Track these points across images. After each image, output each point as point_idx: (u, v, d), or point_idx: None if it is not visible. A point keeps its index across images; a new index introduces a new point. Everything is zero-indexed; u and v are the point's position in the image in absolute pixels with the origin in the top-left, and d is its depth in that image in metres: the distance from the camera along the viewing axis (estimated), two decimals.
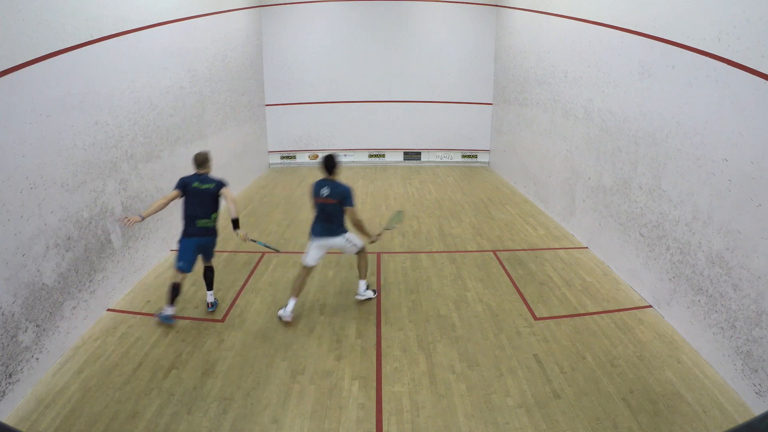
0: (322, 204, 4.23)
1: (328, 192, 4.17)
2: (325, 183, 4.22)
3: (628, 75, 5.06)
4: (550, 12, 7.34)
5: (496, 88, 10.74)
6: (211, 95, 7.42)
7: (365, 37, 10.72)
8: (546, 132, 7.64)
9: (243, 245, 6.17)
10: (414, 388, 3.43)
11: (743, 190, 3.41)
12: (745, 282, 3.35)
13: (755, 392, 3.20)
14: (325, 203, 4.20)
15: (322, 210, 4.26)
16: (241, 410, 3.21)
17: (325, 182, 4.22)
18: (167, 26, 5.85)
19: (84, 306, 4.12)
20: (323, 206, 4.23)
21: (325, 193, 4.18)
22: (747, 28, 3.38)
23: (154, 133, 5.53)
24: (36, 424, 3.07)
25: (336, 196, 4.15)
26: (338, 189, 4.17)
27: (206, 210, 4.20)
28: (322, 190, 4.20)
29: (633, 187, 4.97)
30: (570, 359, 3.75)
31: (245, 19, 9.29)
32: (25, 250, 3.42)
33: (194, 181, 4.19)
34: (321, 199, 4.21)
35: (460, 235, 6.58)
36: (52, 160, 3.75)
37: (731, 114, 3.53)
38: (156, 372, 3.59)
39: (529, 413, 3.17)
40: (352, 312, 4.49)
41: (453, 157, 11.54)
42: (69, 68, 3.98)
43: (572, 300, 4.70)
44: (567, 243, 6.28)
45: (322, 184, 4.22)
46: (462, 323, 4.29)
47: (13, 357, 3.25)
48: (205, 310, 4.51)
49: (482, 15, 10.56)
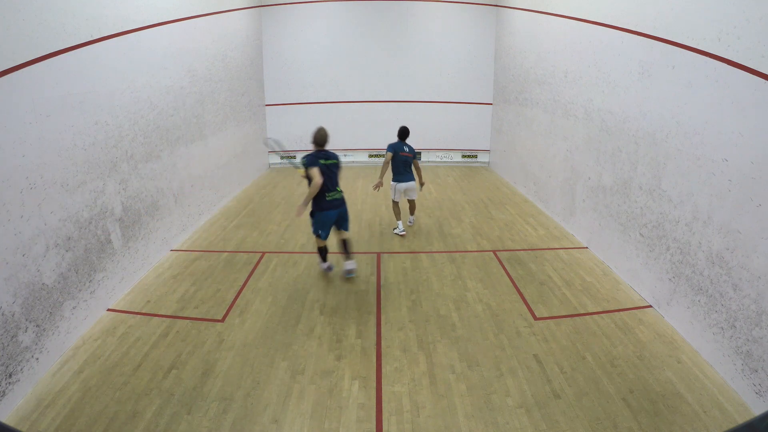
0: (405, 157, 6.33)
1: (408, 149, 6.36)
2: (403, 144, 6.37)
3: (628, 75, 5.06)
4: (550, 12, 7.34)
5: (496, 88, 10.74)
6: (211, 95, 7.42)
7: (365, 37, 10.72)
8: (546, 132, 7.64)
9: (243, 245, 6.19)
10: (414, 388, 3.43)
11: (743, 190, 3.41)
12: (745, 282, 3.35)
13: (755, 392, 3.20)
14: (408, 157, 6.34)
15: (405, 162, 6.36)
16: (241, 410, 3.21)
17: (402, 144, 6.36)
18: (167, 26, 5.85)
19: (84, 306, 4.12)
20: (407, 159, 6.35)
21: (407, 149, 6.34)
22: (747, 28, 3.38)
23: (154, 133, 5.53)
24: (36, 424, 3.07)
25: (412, 152, 6.40)
26: (412, 148, 6.42)
27: (334, 183, 4.93)
28: (405, 147, 6.35)
29: (633, 187, 4.97)
30: (570, 359, 3.75)
31: (245, 19, 9.29)
32: (25, 250, 3.42)
33: (321, 158, 4.81)
34: (405, 153, 6.33)
35: (460, 235, 6.58)
36: (52, 160, 3.75)
37: (731, 114, 3.53)
38: (156, 372, 3.59)
39: (529, 413, 3.17)
40: (352, 312, 4.49)
41: (453, 157, 11.54)
42: (69, 68, 3.98)
43: (572, 300, 4.70)
44: (567, 243, 6.28)
45: (402, 145, 6.36)
46: (462, 323, 4.29)
47: (13, 357, 3.26)
48: (206, 310, 4.51)
49: (482, 15, 10.56)
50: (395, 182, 6.43)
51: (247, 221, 7.16)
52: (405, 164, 6.34)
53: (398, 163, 6.32)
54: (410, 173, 6.43)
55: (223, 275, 5.28)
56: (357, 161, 11.51)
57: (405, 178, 6.40)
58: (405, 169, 6.37)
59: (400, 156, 6.29)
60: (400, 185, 6.44)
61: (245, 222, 7.12)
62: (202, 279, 5.18)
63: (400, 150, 6.30)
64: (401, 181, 6.42)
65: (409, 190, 6.50)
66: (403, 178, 6.40)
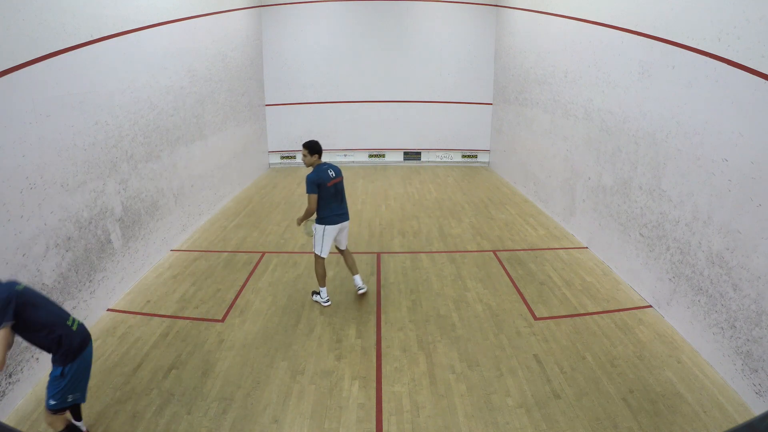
0: (336, 185, 4.36)
1: (334, 173, 4.36)
2: (327, 167, 4.36)
3: (628, 75, 5.06)
4: (550, 12, 7.34)
5: (496, 88, 10.74)
6: (210, 95, 7.42)
7: (365, 37, 10.72)
8: (546, 132, 7.64)
9: (243, 245, 6.19)
10: (414, 388, 3.43)
11: (743, 190, 3.40)
12: (745, 282, 3.35)
13: (755, 392, 3.20)
14: (338, 183, 4.38)
15: (337, 191, 4.38)
16: (241, 410, 3.21)
17: (327, 166, 4.36)
18: (167, 26, 5.85)
19: (84, 306, 4.12)
20: (338, 186, 4.39)
21: (333, 173, 4.34)
22: (747, 28, 3.38)
23: (154, 133, 5.53)
24: (36, 424, 3.07)
25: (340, 174, 4.43)
26: (337, 169, 4.44)
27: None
28: (330, 172, 4.33)
29: (633, 187, 4.97)
30: (570, 359, 3.75)
31: (245, 19, 9.29)
32: (25, 250, 3.42)
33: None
34: (335, 180, 4.35)
35: (460, 235, 6.58)
36: (52, 160, 3.75)
37: (731, 114, 3.53)
38: (156, 372, 3.59)
39: (529, 413, 3.17)
40: (352, 312, 4.49)
41: (453, 157, 11.53)
42: (69, 68, 3.98)
43: (572, 300, 4.70)
44: (567, 243, 6.28)
45: (328, 167, 4.36)
46: (462, 323, 4.29)
47: (13, 357, 3.26)
48: (206, 310, 4.51)
49: (482, 15, 10.56)
50: (326, 224, 4.36)
51: (247, 221, 7.16)
52: (337, 194, 4.37)
53: (327, 195, 4.28)
54: (345, 206, 4.51)
55: (223, 275, 5.28)
56: (357, 161, 11.51)
57: (341, 214, 4.44)
58: (339, 201, 4.41)
59: (328, 188, 4.27)
60: (332, 227, 4.38)
61: (245, 222, 7.13)
62: (202, 279, 5.18)
63: (326, 179, 4.25)
64: (336, 222, 4.39)
65: (343, 230, 4.56)
66: (339, 216, 4.41)
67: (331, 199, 4.33)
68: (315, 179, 4.22)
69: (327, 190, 4.27)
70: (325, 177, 4.27)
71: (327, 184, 4.26)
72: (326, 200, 4.30)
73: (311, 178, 4.23)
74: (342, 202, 4.48)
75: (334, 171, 4.37)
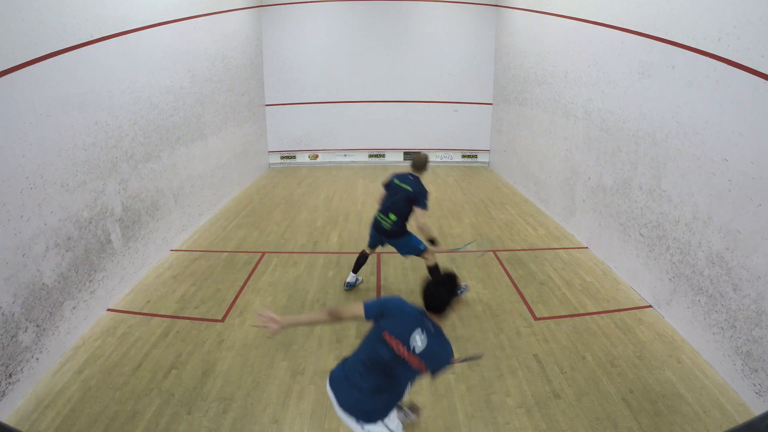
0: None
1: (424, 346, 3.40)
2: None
3: (628, 75, 5.06)
4: (550, 12, 7.34)
5: (496, 88, 10.74)
6: (210, 95, 7.42)
7: (365, 37, 10.72)
8: (546, 132, 7.64)
9: (243, 245, 6.19)
10: (414, 388, 3.42)
11: (743, 190, 3.41)
12: (745, 282, 3.35)
13: (755, 392, 3.20)
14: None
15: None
16: (241, 410, 3.21)
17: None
18: (167, 26, 5.85)
19: (84, 306, 4.12)
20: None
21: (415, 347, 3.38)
22: (747, 28, 3.38)
23: (154, 133, 5.53)
24: (36, 424, 3.07)
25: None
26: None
27: (388, 207, 4.49)
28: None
29: (633, 187, 4.97)
30: (570, 359, 3.75)
31: (245, 19, 9.29)
32: (25, 250, 3.42)
33: (397, 177, 4.57)
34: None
35: (460, 235, 6.58)
36: (52, 160, 3.75)
37: (731, 114, 3.53)
38: (156, 372, 3.59)
39: (529, 413, 3.17)
40: None
41: (453, 157, 11.53)
42: (69, 68, 3.98)
43: (572, 300, 4.70)
44: (567, 243, 6.28)
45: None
46: (462, 323, 4.29)
47: (13, 357, 3.26)
48: (206, 310, 4.51)
49: (482, 15, 10.56)
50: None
51: (247, 221, 7.16)
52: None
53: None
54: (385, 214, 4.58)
55: (223, 275, 5.28)
56: (357, 161, 11.51)
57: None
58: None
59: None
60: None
61: (245, 222, 7.13)
62: (202, 279, 5.18)
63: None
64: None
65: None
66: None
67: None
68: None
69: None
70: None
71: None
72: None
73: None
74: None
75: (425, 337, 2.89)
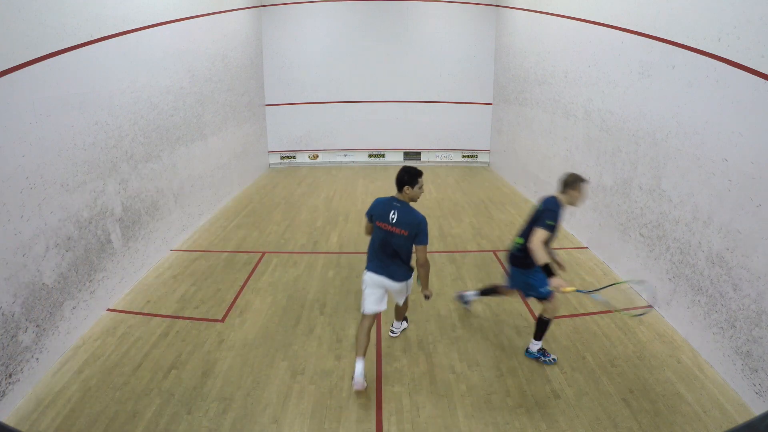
0: (383, 230, 3.31)
1: (396, 218, 3.23)
2: (389, 201, 3.32)
3: (628, 75, 5.06)
4: (550, 12, 7.34)
5: (496, 88, 10.74)
6: (210, 95, 7.42)
7: (365, 37, 10.72)
8: (546, 132, 7.64)
9: (243, 245, 6.19)
10: (414, 388, 3.42)
11: (743, 190, 3.40)
12: (745, 282, 3.35)
13: (755, 392, 3.20)
14: (392, 232, 3.28)
15: (385, 242, 3.34)
16: (241, 410, 3.21)
17: (389, 200, 3.33)
18: (167, 26, 5.85)
19: (84, 306, 4.12)
20: (384, 232, 3.31)
21: (393, 219, 3.23)
22: (747, 28, 3.38)
23: (154, 133, 5.53)
24: (36, 424, 3.07)
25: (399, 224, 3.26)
26: (401, 213, 3.27)
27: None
28: (391, 215, 3.25)
29: (633, 187, 4.97)
30: (570, 359, 3.75)
31: (245, 19, 9.29)
32: (25, 250, 3.42)
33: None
34: (385, 225, 3.29)
35: (460, 235, 6.58)
36: (52, 160, 3.75)
37: (731, 114, 3.53)
38: (156, 372, 3.59)
39: (529, 413, 3.17)
40: (352, 312, 4.49)
41: (453, 157, 11.53)
42: (69, 68, 3.98)
43: (572, 300, 4.70)
44: (567, 243, 6.28)
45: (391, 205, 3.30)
46: (462, 323, 4.29)
47: (13, 357, 3.26)
48: (206, 310, 4.51)
49: (482, 15, 10.56)
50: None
51: (247, 221, 7.16)
52: (385, 245, 3.33)
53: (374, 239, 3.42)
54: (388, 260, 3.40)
55: (223, 275, 5.28)
56: (357, 161, 11.51)
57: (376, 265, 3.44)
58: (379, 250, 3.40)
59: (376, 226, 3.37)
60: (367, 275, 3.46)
61: (245, 222, 7.12)
62: (202, 279, 5.18)
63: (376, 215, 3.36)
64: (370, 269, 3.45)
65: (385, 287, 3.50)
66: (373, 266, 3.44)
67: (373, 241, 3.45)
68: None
69: (375, 230, 3.38)
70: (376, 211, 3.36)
71: (377, 222, 3.33)
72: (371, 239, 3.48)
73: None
74: (383, 254, 3.38)
75: (396, 213, 3.25)
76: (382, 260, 3.38)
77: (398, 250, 3.30)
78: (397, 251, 3.31)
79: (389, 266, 3.37)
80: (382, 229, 3.29)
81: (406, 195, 3.30)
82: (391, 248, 3.31)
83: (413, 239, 3.25)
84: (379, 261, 3.39)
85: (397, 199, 3.31)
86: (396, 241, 3.27)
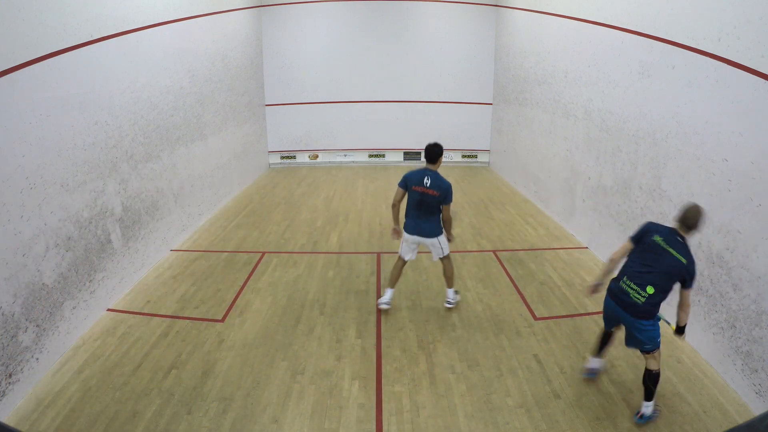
0: (421, 193, 4.10)
1: (430, 182, 4.08)
2: (424, 172, 4.12)
3: (628, 75, 5.06)
4: (550, 12, 7.34)
5: (496, 88, 10.74)
6: (210, 95, 7.42)
7: (365, 37, 10.72)
8: (546, 132, 7.64)
9: (243, 245, 6.19)
10: (414, 388, 3.42)
11: (743, 190, 3.40)
12: (745, 282, 3.35)
13: (755, 392, 3.20)
14: (424, 193, 4.09)
15: (420, 202, 4.14)
16: (241, 410, 3.21)
17: (425, 171, 4.12)
18: (167, 26, 5.85)
19: (84, 306, 4.12)
20: (423, 196, 4.10)
21: (427, 183, 4.08)
22: (747, 28, 3.38)
23: (154, 133, 5.53)
24: (36, 424, 3.07)
25: (433, 187, 4.06)
26: (435, 179, 4.08)
27: (645, 275, 3.16)
28: (425, 180, 4.09)
29: (633, 187, 4.97)
30: (570, 359, 3.75)
31: (245, 19, 9.28)
32: (25, 250, 3.42)
33: (660, 234, 3.04)
34: (421, 188, 4.09)
35: (460, 235, 6.58)
36: (52, 160, 3.75)
37: (731, 114, 3.53)
38: (156, 372, 3.59)
39: (529, 413, 3.17)
40: (352, 312, 4.49)
41: (453, 157, 11.52)
42: (69, 68, 3.98)
43: (572, 300, 4.70)
44: (567, 243, 6.28)
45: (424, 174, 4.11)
46: (462, 323, 4.29)
47: (13, 357, 3.26)
48: (206, 310, 4.51)
49: (482, 15, 10.56)
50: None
51: (247, 221, 7.16)
52: (419, 204, 4.15)
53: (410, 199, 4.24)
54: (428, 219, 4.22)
55: (223, 275, 5.28)
56: (357, 161, 11.51)
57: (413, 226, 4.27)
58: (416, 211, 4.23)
59: (412, 192, 4.16)
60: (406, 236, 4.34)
61: (245, 222, 7.13)
62: (202, 279, 5.18)
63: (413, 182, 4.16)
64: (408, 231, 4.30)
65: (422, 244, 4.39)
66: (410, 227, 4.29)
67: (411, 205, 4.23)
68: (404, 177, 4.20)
69: (412, 193, 4.17)
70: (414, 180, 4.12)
71: (413, 187, 4.14)
72: (408, 205, 4.25)
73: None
74: (417, 211, 4.19)
75: (429, 179, 4.07)
76: (415, 219, 4.22)
77: (429, 208, 4.14)
78: (428, 209, 4.14)
79: (421, 225, 4.21)
80: (418, 191, 4.11)
81: (437, 165, 4.14)
82: (425, 206, 4.13)
83: (443, 200, 4.09)
84: (413, 221, 4.23)
85: (429, 169, 4.13)
86: (428, 200, 4.10)
